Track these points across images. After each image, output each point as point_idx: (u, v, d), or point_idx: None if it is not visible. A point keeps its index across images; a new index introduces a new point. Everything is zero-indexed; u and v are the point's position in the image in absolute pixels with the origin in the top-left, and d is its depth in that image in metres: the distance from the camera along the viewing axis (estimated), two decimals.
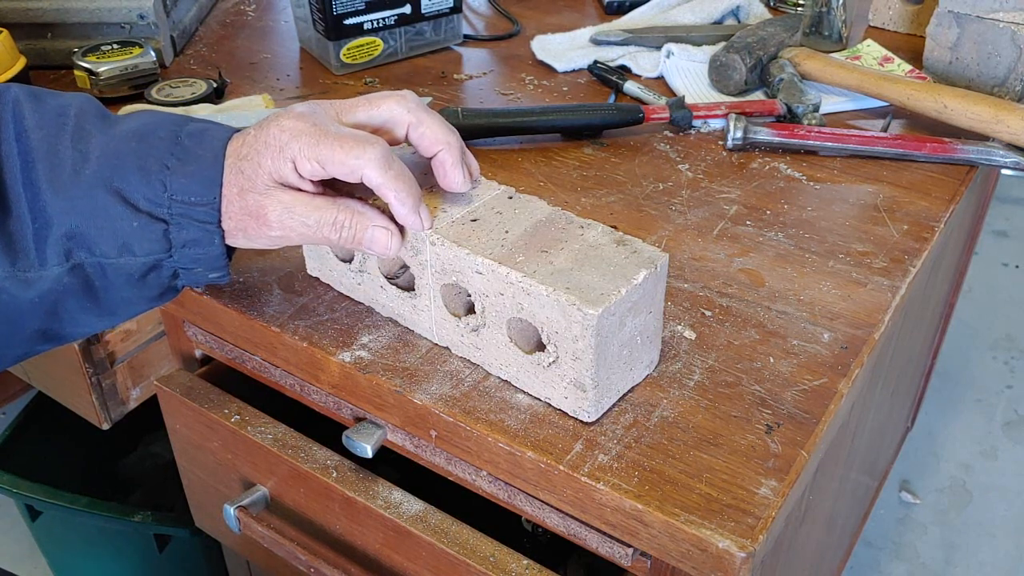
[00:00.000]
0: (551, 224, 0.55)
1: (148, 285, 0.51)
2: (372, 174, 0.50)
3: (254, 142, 0.50)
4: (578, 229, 0.54)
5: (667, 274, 0.54)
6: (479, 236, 0.54)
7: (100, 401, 0.79)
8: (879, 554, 1.50)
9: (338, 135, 0.50)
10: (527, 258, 0.52)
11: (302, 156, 0.49)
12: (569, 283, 0.50)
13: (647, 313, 0.53)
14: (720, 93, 0.93)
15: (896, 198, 0.76)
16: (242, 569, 0.94)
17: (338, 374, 0.59)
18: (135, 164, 0.49)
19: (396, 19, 0.99)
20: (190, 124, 0.52)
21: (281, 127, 0.50)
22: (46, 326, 0.51)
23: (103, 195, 0.49)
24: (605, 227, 0.55)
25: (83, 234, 0.49)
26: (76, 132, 0.50)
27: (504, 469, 0.54)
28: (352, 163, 0.49)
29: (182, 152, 0.50)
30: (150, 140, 0.50)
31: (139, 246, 0.50)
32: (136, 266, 0.50)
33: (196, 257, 0.51)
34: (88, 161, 0.49)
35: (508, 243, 0.53)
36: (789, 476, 0.50)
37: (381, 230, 0.53)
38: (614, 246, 0.53)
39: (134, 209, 0.49)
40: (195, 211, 0.50)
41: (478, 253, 0.52)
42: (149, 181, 0.49)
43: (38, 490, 1.06)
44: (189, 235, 0.50)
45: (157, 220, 0.49)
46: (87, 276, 0.50)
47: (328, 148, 0.49)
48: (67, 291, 0.50)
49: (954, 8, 0.90)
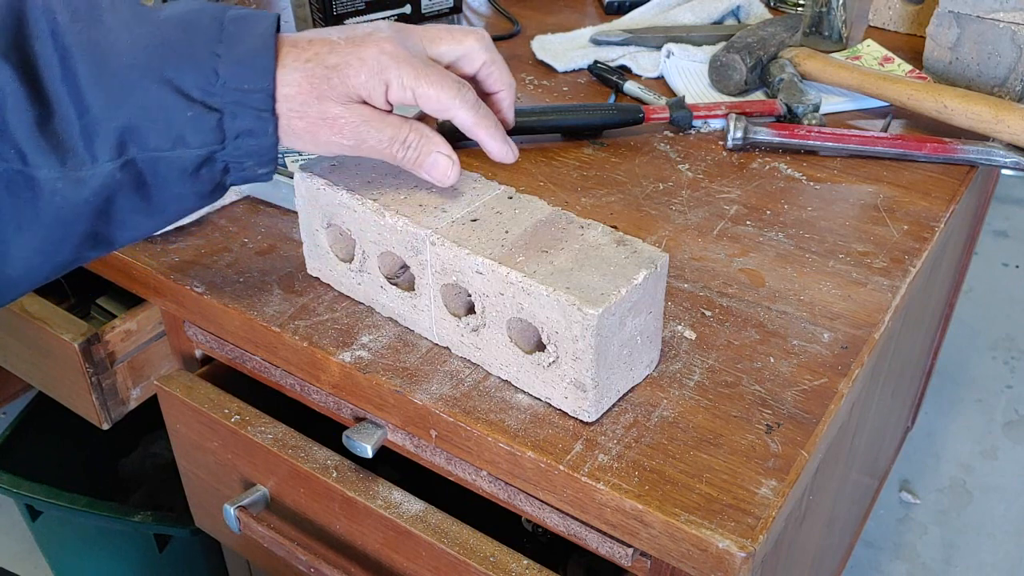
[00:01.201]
0: (551, 224, 0.55)
1: (201, 180, 0.51)
2: (465, 114, 0.54)
3: (347, 55, 0.51)
4: (578, 229, 0.55)
5: (667, 274, 0.54)
6: (479, 236, 0.54)
7: (100, 401, 0.79)
8: (879, 554, 1.50)
9: (436, 71, 0.52)
10: (527, 258, 0.52)
11: (398, 83, 0.51)
12: (569, 283, 0.50)
13: (647, 313, 0.53)
14: (720, 93, 0.93)
15: (896, 198, 0.76)
16: (242, 569, 0.94)
17: (338, 374, 0.59)
18: (185, 52, 0.49)
19: (396, 19, 0.99)
20: (231, 10, 0.51)
21: (382, 49, 0.51)
22: (97, 228, 0.51)
23: (154, 86, 0.48)
24: (605, 227, 0.55)
25: (135, 128, 0.48)
26: (114, 22, 0.49)
27: (504, 469, 0.54)
28: (448, 102, 0.52)
29: (229, 39, 0.49)
30: (195, 27, 0.49)
31: (193, 137, 0.49)
32: (190, 159, 0.49)
33: (249, 149, 0.51)
34: (134, 51, 0.48)
35: (508, 243, 0.53)
36: (789, 476, 0.50)
37: (444, 157, 0.55)
38: (614, 246, 0.53)
39: (188, 99, 0.48)
40: (249, 98, 0.49)
41: (478, 253, 0.52)
42: (200, 69, 0.48)
43: (38, 490, 1.06)
44: (243, 124, 0.50)
45: (211, 109, 0.49)
46: (139, 171, 0.49)
47: (427, 83, 0.52)
48: (120, 188, 0.49)
49: (954, 8, 0.90)
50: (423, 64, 0.52)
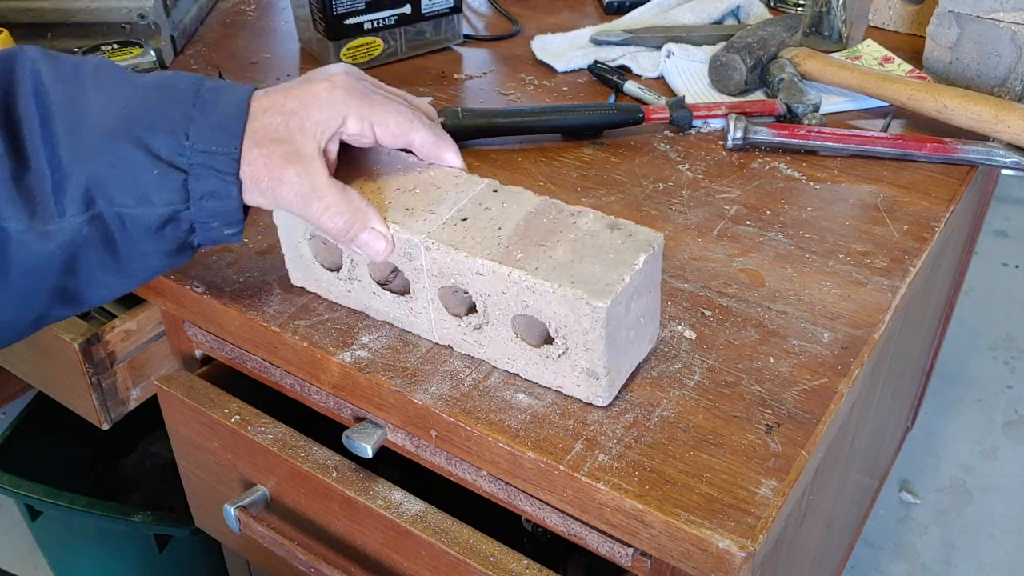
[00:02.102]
0: (542, 215, 0.55)
1: (165, 238, 0.52)
2: (424, 136, 0.56)
3: (301, 96, 0.52)
4: (570, 217, 0.54)
5: (663, 253, 0.54)
6: (473, 236, 0.53)
7: (100, 401, 0.79)
8: (879, 554, 1.50)
9: (389, 100, 0.54)
10: (526, 254, 0.52)
11: (354, 114, 0.53)
12: (573, 276, 0.50)
13: (648, 293, 0.53)
14: (720, 93, 0.93)
15: (896, 198, 0.76)
16: (242, 569, 0.94)
17: (338, 374, 0.59)
18: (158, 114, 0.50)
19: (396, 19, 0.99)
20: (208, 81, 0.53)
21: (332, 83, 0.53)
22: (65, 283, 0.51)
23: (124, 144, 0.49)
24: (596, 213, 0.54)
25: (102, 183, 0.49)
26: (96, 85, 0.51)
27: (504, 469, 0.54)
28: (405, 125, 0.54)
29: (203, 105, 0.51)
30: (172, 93, 0.51)
31: (158, 195, 0.50)
32: (154, 216, 0.50)
33: (214, 210, 0.52)
34: (109, 111, 0.50)
35: (503, 240, 0.53)
36: (789, 476, 0.50)
37: (378, 234, 0.54)
38: (609, 232, 0.53)
39: (154, 158, 0.50)
40: (215, 160, 0.50)
41: (476, 255, 0.52)
42: (172, 131, 0.50)
43: (38, 490, 1.06)
44: (207, 186, 0.51)
45: (176, 169, 0.50)
46: (106, 226, 0.50)
47: (381, 110, 0.54)
48: (86, 242, 0.50)
49: (954, 8, 0.90)
50: (376, 95, 0.54)
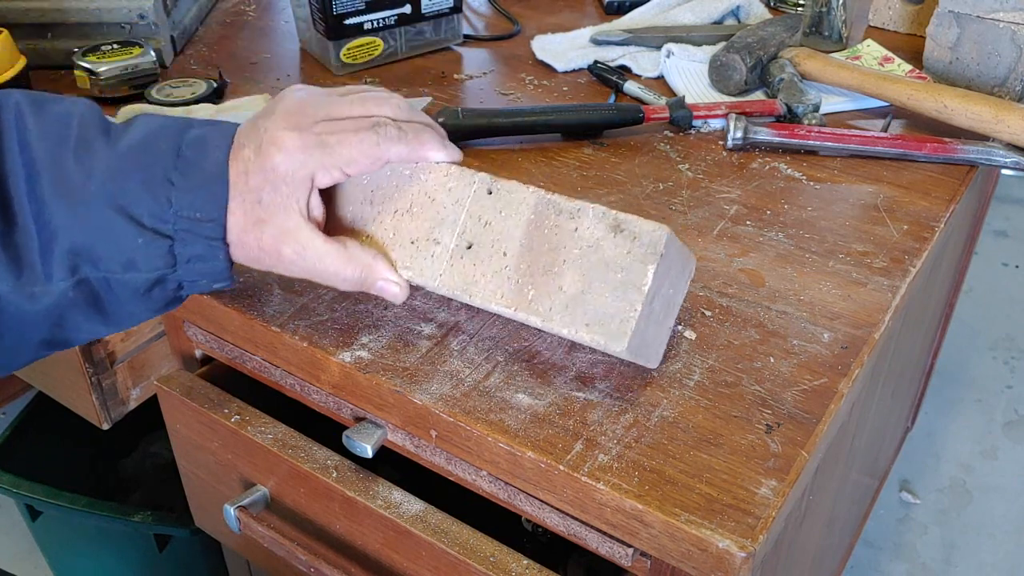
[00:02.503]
0: (542, 225, 0.53)
1: (153, 298, 0.52)
2: (396, 151, 0.53)
3: (261, 171, 0.50)
4: (569, 222, 0.52)
5: (676, 241, 0.52)
6: (482, 271, 0.53)
7: (100, 401, 0.79)
8: (879, 554, 1.50)
9: (345, 132, 0.51)
10: (537, 290, 0.52)
11: (321, 170, 0.50)
12: (587, 316, 0.50)
13: (666, 290, 0.53)
14: (720, 93, 0.93)
15: (896, 198, 0.76)
16: (242, 569, 0.94)
17: (338, 374, 0.59)
18: (139, 180, 0.49)
19: (396, 19, 0.99)
20: (190, 132, 0.51)
21: (283, 148, 0.50)
22: (51, 336, 0.51)
23: (108, 212, 0.49)
24: (596, 209, 0.52)
25: (88, 249, 0.49)
26: (79, 144, 0.50)
27: (504, 469, 0.54)
28: (373, 152, 0.51)
29: (185, 165, 0.50)
30: (152, 153, 0.50)
31: (144, 262, 0.50)
32: (141, 281, 0.50)
33: (201, 271, 0.51)
34: (92, 177, 0.49)
35: (512, 270, 0.52)
36: (789, 476, 0.50)
37: (391, 284, 0.55)
38: (612, 238, 0.51)
39: (139, 226, 0.49)
40: (201, 227, 0.50)
41: (490, 300, 0.53)
42: (155, 197, 0.49)
43: (38, 490, 1.06)
44: (194, 250, 0.50)
45: (162, 236, 0.49)
46: (93, 290, 0.50)
47: (343, 149, 0.51)
48: (72, 304, 0.50)
49: (954, 8, 0.90)
50: (331, 134, 0.51)
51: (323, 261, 0.53)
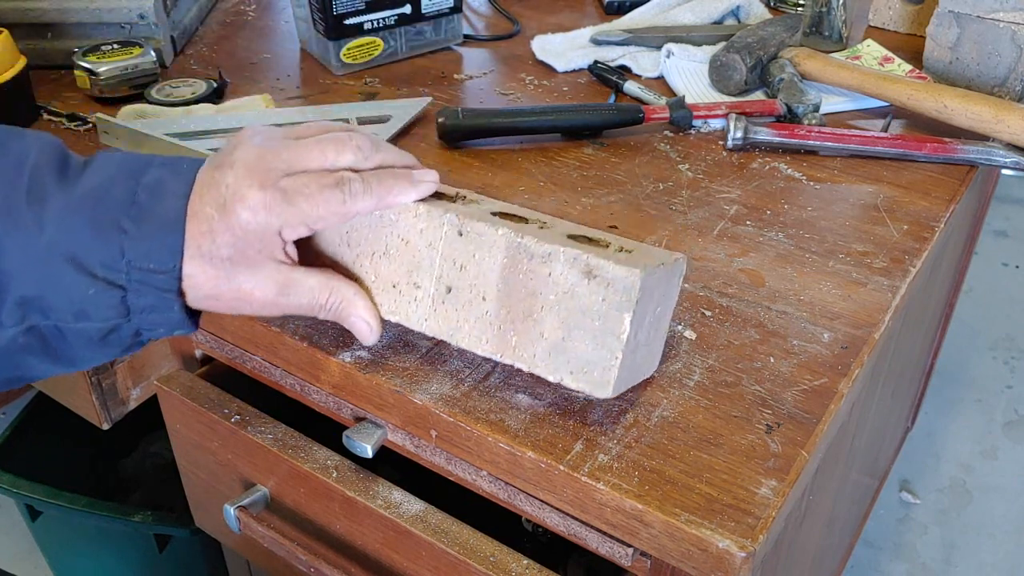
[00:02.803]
0: (515, 269, 0.51)
1: (109, 344, 0.50)
2: (363, 205, 0.51)
3: (227, 229, 0.48)
4: (542, 268, 0.50)
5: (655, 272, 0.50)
6: (464, 315, 0.53)
7: (100, 401, 0.79)
8: (879, 554, 1.50)
9: (311, 188, 0.49)
10: (519, 336, 0.51)
11: (287, 226, 0.49)
12: (570, 364, 0.50)
13: (652, 314, 0.52)
14: (720, 93, 0.93)
15: (896, 198, 0.76)
16: (242, 569, 0.94)
17: (338, 374, 0.59)
18: (91, 228, 0.47)
19: (396, 19, 0.99)
20: (148, 174, 0.49)
21: (247, 204, 0.48)
22: (8, 375, 0.50)
23: (58, 261, 0.47)
24: (567, 253, 0.49)
25: (38, 298, 0.47)
26: (32, 190, 0.47)
27: (504, 469, 0.54)
28: (340, 210, 0.50)
29: (139, 213, 0.48)
30: (106, 201, 0.48)
31: (96, 312, 0.48)
32: (94, 330, 0.49)
33: (156, 321, 0.50)
34: (44, 226, 0.47)
35: (492, 315, 0.52)
36: (789, 476, 0.50)
37: (363, 322, 0.54)
38: (586, 284, 0.49)
39: (91, 276, 0.47)
40: (154, 278, 0.48)
41: (476, 345, 0.53)
42: (106, 246, 0.47)
43: (38, 490, 1.06)
44: (147, 301, 0.48)
45: (114, 286, 0.48)
46: (44, 336, 0.48)
47: (309, 207, 0.49)
48: (24, 350, 0.48)
49: (954, 8, 0.90)
50: (297, 190, 0.49)
51: (306, 289, 0.52)
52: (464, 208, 0.54)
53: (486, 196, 0.58)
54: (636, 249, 0.51)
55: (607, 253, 0.50)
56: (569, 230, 0.53)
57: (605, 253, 0.50)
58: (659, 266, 0.50)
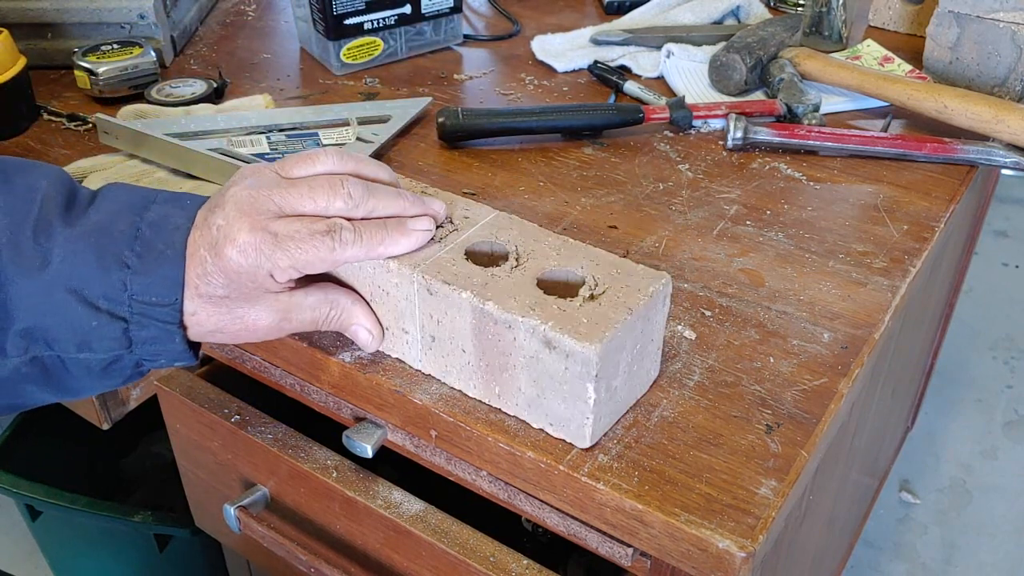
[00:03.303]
0: (484, 329, 0.51)
1: (110, 375, 0.51)
2: (352, 254, 0.51)
3: (222, 270, 0.49)
4: (508, 332, 0.50)
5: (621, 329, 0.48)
6: (450, 362, 0.54)
7: (100, 401, 0.79)
8: (879, 554, 1.50)
9: (301, 235, 0.49)
10: (502, 387, 0.52)
11: (277, 269, 0.49)
12: (550, 417, 0.51)
13: (630, 354, 0.51)
14: (720, 93, 0.93)
15: (896, 198, 0.76)
16: (242, 569, 0.94)
17: (338, 374, 0.59)
18: (94, 262, 0.48)
19: (396, 19, 0.99)
20: (151, 210, 0.50)
21: (238, 246, 0.48)
22: (8, 403, 0.51)
23: (62, 294, 0.48)
24: (526, 323, 0.49)
25: (43, 330, 0.48)
26: (39, 224, 0.49)
27: (504, 469, 0.54)
28: (329, 257, 0.50)
29: (142, 247, 0.49)
30: (110, 235, 0.49)
31: (98, 344, 0.49)
32: (96, 361, 0.49)
33: (158, 351, 0.51)
34: (49, 259, 0.48)
35: (474, 367, 0.53)
36: (789, 476, 0.50)
37: (363, 330, 0.55)
38: (548, 352, 0.48)
39: (94, 308, 0.48)
40: (156, 311, 0.49)
41: (466, 389, 0.54)
42: (109, 279, 0.48)
43: (38, 490, 1.06)
44: (149, 333, 0.49)
45: (117, 319, 0.49)
46: (46, 367, 0.49)
47: (299, 253, 0.49)
48: (26, 379, 0.49)
49: (954, 8, 0.90)
50: (287, 236, 0.49)
51: (307, 309, 0.53)
52: (436, 255, 0.53)
53: (479, 204, 0.58)
54: (611, 287, 0.50)
55: (569, 317, 0.48)
56: (543, 270, 0.52)
57: (566, 317, 0.48)
58: (625, 319, 0.49)
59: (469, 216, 0.57)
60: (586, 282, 0.51)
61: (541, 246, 0.54)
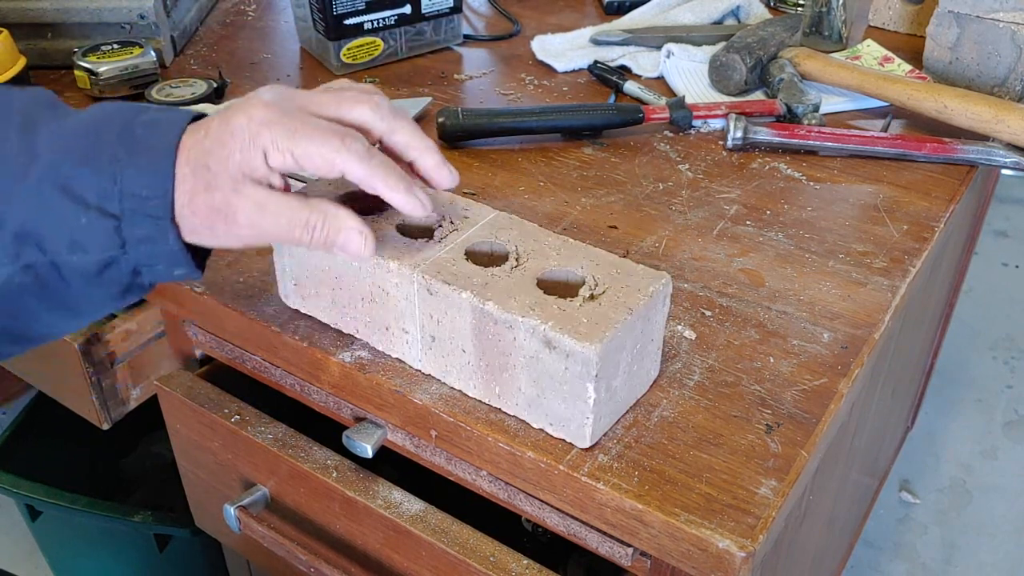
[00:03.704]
0: (484, 330, 0.51)
1: (107, 282, 0.49)
2: (353, 168, 0.48)
3: (219, 133, 0.48)
4: (508, 332, 0.50)
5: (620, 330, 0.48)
6: (450, 362, 0.54)
7: (100, 401, 0.79)
8: (879, 554, 1.50)
9: (314, 126, 0.48)
10: (502, 387, 0.52)
11: (274, 147, 0.47)
12: (550, 417, 0.51)
13: (630, 354, 0.51)
14: (720, 93, 0.93)
15: (896, 198, 0.76)
16: (242, 569, 0.94)
17: (338, 374, 0.59)
18: (86, 156, 0.47)
19: (396, 19, 0.99)
20: (146, 114, 0.49)
21: (249, 116, 0.48)
22: (8, 326, 0.50)
23: (51, 191, 0.46)
24: (526, 323, 0.49)
25: (32, 232, 0.47)
26: (24, 124, 0.48)
27: (504, 469, 0.54)
28: (332, 156, 0.48)
29: (133, 143, 0.47)
30: (102, 132, 0.48)
31: (91, 243, 0.47)
32: (90, 263, 0.48)
33: (153, 253, 0.49)
34: (37, 156, 0.47)
35: (474, 367, 0.53)
36: (789, 476, 0.50)
37: (355, 232, 0.50)
38: (548, 352, 0.48)
39: (83, 204, 0.47)
40: (146, 205, 0.47)
41: (467, 389, 0.54)
42: (99, 174, 0.47)
43: (38, 490, 1.06)
44: (142, 231, 0.48)
45: (108, 215, 0.47)
46: (40, 274, 0.48)
47: (304, 140, 0.47)
48: (22, 290, 0.48)
49: (954, 8, 0.90)
50: (299, 121, 0.48)
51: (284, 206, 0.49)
52: (436, 255, 0.53)
53: (479, 203, 0.58)
54: (611, 287, 0.50)
55: (569, 317, 0.48)
56: (543, 270, 0.52)
57: (566, 317, 0.48)
58: (625, 319, 0.49)
59: (469, 216, 0.57)
60: (586, 282, 0.51)
61: (541, 246, 0.54)
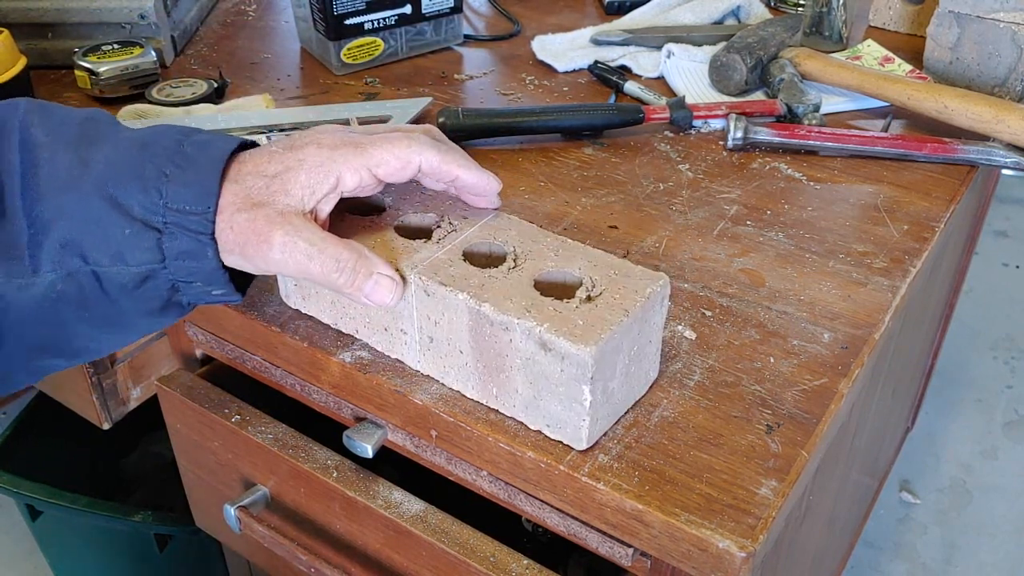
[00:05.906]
0: (481, 331, 0.51)
1: (145, 296, 0.50)
2: (430, 156, 0.52)
3: (286, 159, 0.50)
4: (504, 334, 0.50)
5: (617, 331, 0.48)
6: (448, 363, 0.54)
7: (100, 401, 0.79)
8: (879, 554, 1.50)
9: (379, 136, 0.51)
10: (499, 389, 0.52)
11: (348, 168, 0.50)
12: (547, 419, 0.51)
13: (627, 355, 0.51)
14: (720, 93, 0.93)
15: (896, 198, 0.76)
16: (242, 569, 0.94)
17: (338, 374, 0.59)
18: (134, 171, 0.48)
19: (396, 19, 0.99)
20: (198, 135, 0.51)
21: (319, 143, 0.50)
22: (48, 339, 0.50)
23: (97, 201, 0.48)
24: (522, 325, 0.48)
25: (77, 241, 0.48)
26: (80, 138, 0.50)
27: (504, 469, 0.54)
28: (404, 153, 0.51)
29: (183, 160, 0.49)
30: (153, 148, 0.49)
31: (131, 255, 0.48)
32: (129, 275, 0.49)
33: (191, 270, 0.50)
34: (88, 168, 0.48)
35: (471, 368, 0.53)
36: (789, 476, 0.50)
37: (386, 278, 0.51)
38: (544, 354, 0.48)
39: (128, 216, 0.48)
40: (188, 220, 0.48)
41: (464, 390, 0.54)
42: (146, 188, 0.48)
43: (38, 490, 1.06)
44: (182, 246, 0.49)
45: (150, 228, 0.48)
46: (81, 284, 0.49)
47: (374, 149, 0.50)
48: (62, 299, 0.49)
49: (954, 8, 0.90)
50: (363, 139, 0.51)
51: (320, 237, 0.50)
52: (433, 256, 0.53)
53: None
54: (608, 288, 0.50)
55: (565, 318, 0.48)
56: (540, 271, 0.52)
57: (562, 319, 0.48)
58: (621, 321, 0.48)
59: (468, 216, 0.57)
60: (583, 283, 0.51)
61: (539, 247, 0.54)
